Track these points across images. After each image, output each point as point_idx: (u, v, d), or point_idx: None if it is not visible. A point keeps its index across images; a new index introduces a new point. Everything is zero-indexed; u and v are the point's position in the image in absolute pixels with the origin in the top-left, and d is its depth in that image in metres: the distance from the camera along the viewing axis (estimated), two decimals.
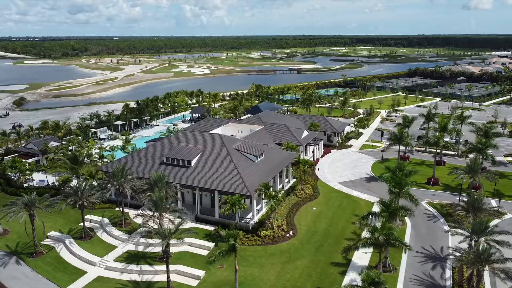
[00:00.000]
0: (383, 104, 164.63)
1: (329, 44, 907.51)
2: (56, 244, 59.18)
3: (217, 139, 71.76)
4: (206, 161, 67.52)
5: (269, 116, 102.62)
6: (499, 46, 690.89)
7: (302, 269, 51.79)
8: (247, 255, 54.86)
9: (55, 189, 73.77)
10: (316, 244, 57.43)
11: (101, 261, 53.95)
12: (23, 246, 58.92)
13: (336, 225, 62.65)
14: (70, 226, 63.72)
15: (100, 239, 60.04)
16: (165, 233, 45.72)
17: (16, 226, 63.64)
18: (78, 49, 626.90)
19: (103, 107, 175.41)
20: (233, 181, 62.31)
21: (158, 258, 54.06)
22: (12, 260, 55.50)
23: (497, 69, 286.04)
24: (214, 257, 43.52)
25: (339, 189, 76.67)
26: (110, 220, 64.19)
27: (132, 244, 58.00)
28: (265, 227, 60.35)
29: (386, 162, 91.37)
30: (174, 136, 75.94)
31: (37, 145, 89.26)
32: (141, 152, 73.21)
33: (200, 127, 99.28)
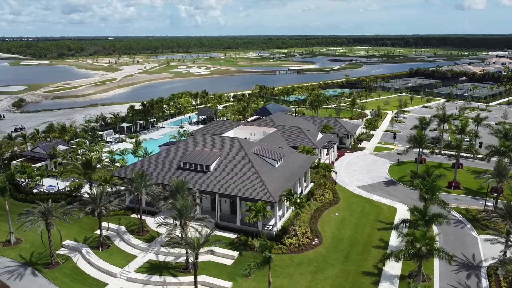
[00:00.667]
0: (389, 105, 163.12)
1: (325, 44, 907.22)
2: (72, 254, 56.79)
3: (235, 143, 69.61)
4: (225, 166, 65.33)
5: (281, 118, 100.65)
6: (494, 46, 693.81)
7: (333, 279, 49.79)
8: (273, 265, 52.37)
9: (66, 195, 71.37)
10: (343, 252, 55.44)
11: (122, 272, 51.68)
12: (38, 256, 56.48)
13: (362, 232, 60.71)
14: (85, 234, 61.35)
15: (118, 248, 57.69)
16: (195, 243, 43.48)
17: (29, 235, 61.19)
18: (74, 49, 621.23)
19: (105, 109, 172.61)
20: (255, 187, 60.17)
21: (182, 268, 51.83)
22: (28, 271, 53.07)
23: (498, 69, 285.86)
24: (250, 269, 41.40)
25: (358, 193, 74.75)
26: (127, 228, 61.88)
27: (152, 253, 55.75)
28: (289, 235, 58.31)
29: (403, 165, 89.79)
30: (189, 140, 73.66)
31: (44, 149, 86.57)
32: (155, 157, 70.88)
33: (211, 129, 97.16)
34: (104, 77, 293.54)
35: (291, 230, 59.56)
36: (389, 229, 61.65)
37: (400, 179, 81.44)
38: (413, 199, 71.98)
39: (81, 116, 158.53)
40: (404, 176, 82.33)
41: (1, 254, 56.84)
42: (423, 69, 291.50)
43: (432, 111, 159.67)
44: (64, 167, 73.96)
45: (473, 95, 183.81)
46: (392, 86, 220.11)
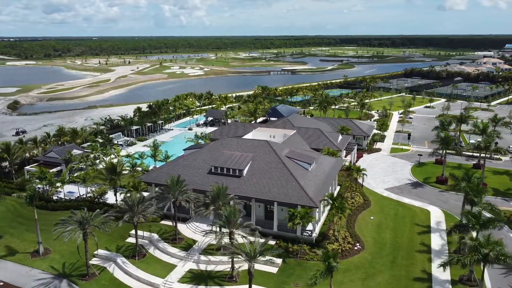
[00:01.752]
0: (393, 105, 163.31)
1: (313, 45, 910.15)
2: (107, 264, 54.39)
3: (266, 146, 67.97)
4: (258, 170, 63.61)
5: (298, 119, 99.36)
6: (479, 46, 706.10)
7: (385, 285, 48.58)
8: None
9: (89, 202, 68.69)
10: (389, 257, 54.31)
11: (165, 282, 49.55)
12: (70, 267, 53.91)
13: (401, 236, 59.69)
14: (116, 243, 58.85)
15: (154, 257, 55.48)
16: (251, 253, 41.74)
17: (57, 245, 58.60)
18: (61, 50, 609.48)
19: (104, 111, 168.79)
20: (293, 191, 58.60)
21: (227, 278, 49.93)
22: (64, 284, 50.54)
23: (489, 69, 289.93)
24: (315, 279, 39.85)
25: (387, 196, 73.83)
26: (160, 235, 59.67)
27: (192, 262, 53.72)
28: (329, 240, 56.99)
29: (424, 166, 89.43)
30: (216, 143, 71.66)
31: (59, 153, 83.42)
32: (182, 161, 68.66)
33: (230, 131, 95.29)
34: (97, 78, 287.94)
35: (330, 235, 58.29)
36: (427, 232, 60.91)
37: (425, 180, 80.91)
38: (444, 201, 71.75)
39: (82, 118, 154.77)
40: (429, 178, 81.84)
41: (31, 266, 54.14)
42: (417, 69, 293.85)
43: (435, 111, 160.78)
44: (87, 173, 71.08)
45: (473, 95, 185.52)
46: (390, 86, 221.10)
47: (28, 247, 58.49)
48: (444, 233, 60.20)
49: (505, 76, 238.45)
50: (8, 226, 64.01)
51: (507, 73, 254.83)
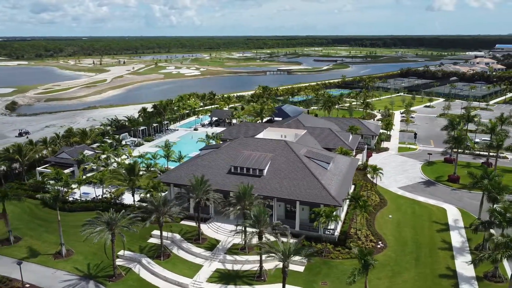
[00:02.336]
0: (394, 105, 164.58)
1: (306, 45, 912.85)
2: (131, 265, 54.25)
3: (284, 146, 68.31)
4: (278, 169, 63.90)
5: (307, 119, 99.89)
6: (469, 46, 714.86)
7: (412, 283, 49.17)
8: (347, 270, 51.42)
9: (106, 203, 68.39)
10: (412, 255, 54.95)
11: (194, 282, 49.60)
12: (95, 268, 53.69)
13: (422, 234, 60.40)
14: (138, 243, 58.63)
15: (179, 257, 55.44)
16: (286, 251, 42.01)
17: (78, 246, 58.38)
18: (52, 50, 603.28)
19: (105, 111, 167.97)
20: (315, 190, 58.99)
21: (256, 277, 50.11)
22: (91, 285, 50.32)
23: (483, 69, 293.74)
24: (353, 277, 40.23)
25: (402, 194, 74.61)
26: (182, 235, 59.61)
27: (217, 262, 53.79)
28: (352, 239, 57.46)
29: (434, 165, 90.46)
30: (234, 143, 71.74)
31: (70, 154, 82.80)
32: (200, 161, 68.62)
33: (238, 131, 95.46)
34: (93, 79, 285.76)
35: (352, 234, 58.78)
36: (446, 230, 61.72)
37: (437, 179, 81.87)
38: (458, 200, 72.73)
39: (83, 119, 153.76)
40: (441, 176, 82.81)
41: (55, 267, 53.80)
42: (413, 69, 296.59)
43: (435, 110, 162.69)
44: (103, 174, 70.66)
45: (471, 94, 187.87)
46: (387, 86, 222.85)
47: (49, 248, 58.10)
48: (463, 231, 61.10)
49: (499, 76, 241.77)
50: (26, 228, 63.47)
51: (502, 73, 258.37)
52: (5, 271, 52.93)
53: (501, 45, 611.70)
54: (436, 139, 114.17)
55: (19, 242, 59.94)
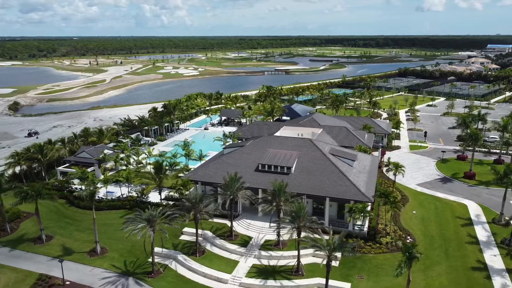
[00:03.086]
0: (398, 104, 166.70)
1: (299, 45, 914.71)
2: (167, 261, 55.03)
3: (309, 144, 69.54)
4: (305, 167, 65.08)
5: (322, 118, 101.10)
6: (461, 46, 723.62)
7: (445, 276, 50.65)
8: (381, 264, 53.08)
9: (133, 201, 68.95)
10: (441, 249, 56.45)
11: (234, 278, 50.53)
12: (132, 265, 54.35)
13: (447, 229, 61.95)
14: (170, 241, 58.98)
15: (213, 253, 56.32)
16: (331, 246, 43.15)
17: (112, 244, 59.00)
18: (45, 50, 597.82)
19: (111, 111, 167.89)
20: (344, 187, 60.26)
21: (294, 272, 51.17)
22: (131, 281, 50.99)
23: (479, 69, 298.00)
24: (400, 269, 41.52)
25: (421, 191, 76.20)
26: (213, 232, 60.43)
27: (253, 257, 54.76)
28: (381, 234, 58.81)
29: (448, 163, 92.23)
30: (260, 141, 72.67)
31: (91, 153, 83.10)
32: (226, 159, 69.51)
33: (254, 130, 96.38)
34: (91, 79, 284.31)
35: (380, 229, 60.13)
36: (470, 225, 63.35)
37: (453, 176, 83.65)
38: (477, 195, 74.49)
39: (90, 119, 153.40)
40: (457, 173, 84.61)
41: (92, 265, 54.36)
42: (411, 69, 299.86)
43: (438, 109, 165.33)
44: (129, 172, 71.17)
45: (471, 93, 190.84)
46: (389, 86, 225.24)
47: (82, 246, 58.59)
48: (486, 225, 62.80)
49: (496, 75, 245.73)
50: (56, 227, 63.84)
51: (498, 72, 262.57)
52: (43, 269, 53.47)
53: (493, 45, 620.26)
54: (444, 138, 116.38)
55: (51, 240, 60.33)
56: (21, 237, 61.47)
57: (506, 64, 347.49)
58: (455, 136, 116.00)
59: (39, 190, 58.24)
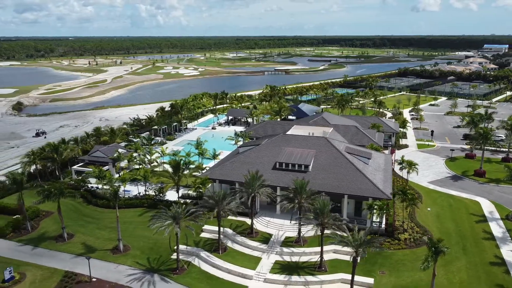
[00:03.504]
0: (401, 103, 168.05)
1: (296, 45, 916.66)
2: (190, 258, 55.76)
3: (325, 142, 70.47)
4: (322, 165, 66.01)
5: (331, 117, 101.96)
6: (457, 46, 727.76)
7: (465, 271, 51.70)
8: (401, 260, 54.06)
9: (151, 199, 69.59)
10: (459, 245, 57.49)
11: (258, 274, 51.34)
12: (155, 262, 55.06)
13: (463, 225, 63.05)
14: (191, 238, 59.72)
15: (235, 250, 57.12)
16: (358, 242, 44.07)
17: (134, 242, 59.66)
18: (43, 50, 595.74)
19: (115, 111, 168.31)
20: (362, 184, 61.23)
21: (317, 267, 52.05)
22: (156, 278, 51.70)
23: (477, 69, 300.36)
24: (427, 263, 42.50)
25: (433, 189, 77.31)
26: (233, 229, 61.18)
27: (275, 254, 55.60)
28: (399, 230, 59.78)
29: (457, 161, 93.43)
30: (276, 140, 73.48)
31: (105, 152, 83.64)
32: (243, 157, 70.31)
33: (266, 129, 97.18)
34: (92, 79, 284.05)
35: (397, 226, 61.10)
36: (484, 221, 64.49)
37: (464, 174, 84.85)
38: (488, 193, 75.61)
39: (96, 119, 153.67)
40: (466, 171, 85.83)
41: (116, 262, 55.03)
42: (411, 68, 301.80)
43: (440, 108, 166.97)
44: (146, 171, 71.81)
45: (472, 93, 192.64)
46: (389, 85, 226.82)
47: (104, 244, 59.19)
48: (500, 222, 63.98)
49: (496, 75, 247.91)
50: (76, 225, 64.38)
51: (497, 72, 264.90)
52: (67, 266, 54.10)
53: (489, 45, 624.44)
54: (449, 136, 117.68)
55: (72, 238, 60.91)
56: (42, 235, 62.02)
57: (504, 64, 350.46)
58: (461, 135, 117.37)
59: (62, 189, 58.78)
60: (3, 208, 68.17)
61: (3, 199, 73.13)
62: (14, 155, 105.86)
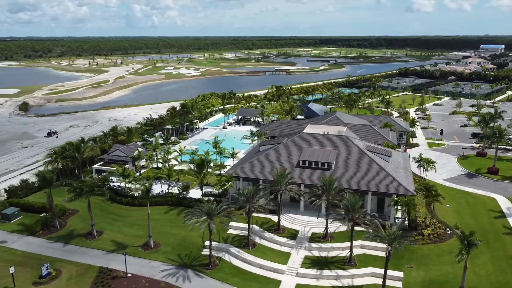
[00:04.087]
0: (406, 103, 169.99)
1: (293, 45, 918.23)
2: (220, 254, 56.89)
3: (346, 141, 71.94)
4: (345, 162, 67.41)
5: (344, 116, 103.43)
6: (453, 46, 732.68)
7: (490, 264, 53.27)
8: (427, 254, 55.56)
9: (175, 197, 70.64)
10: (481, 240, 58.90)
11: (290, 268, 52.63)
12: (186, 257, 56.17)
13: (482, 221, 64.66)
14: (218, 235, 61.09)
15: (263, 246, 58.35)
16: (392, 236, 45.48)
17: (163, 238, 60.71)
18: (40, 50, 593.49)
19: (123, 111, 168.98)
20: (386, 181, 62.69)
21: (347, 262, 53.43)
22: (190, 273, 52.86)
23: (477, 69, 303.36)
24: (461, 256, 44.01)
25: (449, 186, 78.97)
26: (259, 226, 62.39)
27: (303, 249, 56.92)
28: (421, 226, 61.26)
29: (468, 159, 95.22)
30: (297, 138, 74.83)
31: (125, 151, 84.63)
32: (266, 155, 71.55)
33: (281, 129, 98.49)
34: (94, 79, 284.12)
35: (420, 221, 62.59)
36: (503, 217, 66.22)
37: (477, 171, 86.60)
38: (503, 190, 77.38)
39: (105, 118, 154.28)
40: (479, 169, 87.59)
41: (148, 258, 56.12)
42: (411, 68, 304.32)
43: (444, 108, 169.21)
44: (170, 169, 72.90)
45: (475, 93, 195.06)
46: (392, 85, 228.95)
47: (134, 241, 60.24)
48: None
49: (496, 75, 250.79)
50: (103, 223, 65.30)
51: (498, 72, 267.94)
52: (100, 262, 55.14)
53: (486, 46, 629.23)
54: (457, 135, 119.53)
55: (102, 235, 61.89)
56: (71, 233, 62.98)
57: (502, 64, 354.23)
58: (469, 134, 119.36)
59: (93, 187, 59.79)
60: (29, 206, 69.05)
61: (28, 197, 74.15)
62: (29, 154, 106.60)
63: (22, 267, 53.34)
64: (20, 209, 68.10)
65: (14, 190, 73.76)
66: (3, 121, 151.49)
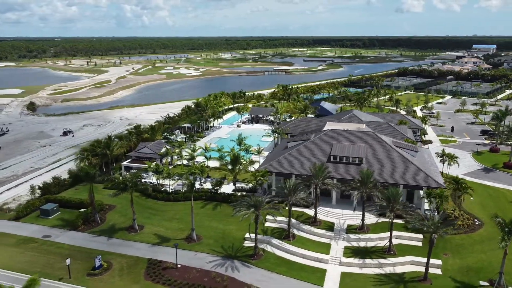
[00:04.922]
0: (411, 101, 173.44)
1: (287, 45, 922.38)
2: (262, 245, 58.90)
3: (373, 137, 74.45)
4: (374, 157, 69.92)
5: (360, 114, 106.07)
6: (445, 46, 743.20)
7: None
8: (460, 243, 58.29)
9: (209, 192, 72.55)
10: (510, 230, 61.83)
11: (333, 258, 54.97)
12: (230, 249, 58.20)
13: (508, 212, 67.35)
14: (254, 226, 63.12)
15: (302, 237, 60.59)
16: (436, 225, 48.05)
17: (203, 231, 62.64)
18: (35, 51, 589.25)
19: (132, 110, 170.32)
20: (417, 175, 65.31)
21: (386, 251, 55.89)
22: (237, 263, 54.95)
23: (473, 68, 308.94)
24: (505, 242, 46.68)
25: (469, 180, 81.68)
26: (295, 218, 64.55)
27: (342, 240, 59.28)
28: (451, 217, 63.97)
29: (482, 155, 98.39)
30: (325, 135, 77.17)
31: (152, 148, 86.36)
32: (296, 152, 73.79)
33: (302, 127, 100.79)
34: (95, 79, 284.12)
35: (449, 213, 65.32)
36: None
37: (494, 166, 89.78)
38: None
39: (116, 118, 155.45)
40: (496, 164, 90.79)
41: (193, 250, 58.06)
42: (410, 68, 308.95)
43: (448, 106, 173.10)
44: (202, 165, 74.84)
45: (476, 91, 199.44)
46: (393, 85, 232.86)
47: (176, 234, 62.17)
48: None
49: (493, 74, 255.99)
50: (142, 217, 67.04)
51: (495, 71, 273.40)
52: (147, 255, 57.01)
53: (478, 46, 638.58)
54: (467, 132, 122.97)
55: (143, 229, 63.70)
56: (112, 227, 64.68)
57: (497, 63, 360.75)
58: (477, 131, 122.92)
59: (136, 182, 61.57)
60: (66, 202, 70.57)
61: (61, 193, 75.57)
62: (50, 153, 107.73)
63: (73, 260, 54.92)
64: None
65: (47, 187, 75.20)
66: (14, 120, 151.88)
